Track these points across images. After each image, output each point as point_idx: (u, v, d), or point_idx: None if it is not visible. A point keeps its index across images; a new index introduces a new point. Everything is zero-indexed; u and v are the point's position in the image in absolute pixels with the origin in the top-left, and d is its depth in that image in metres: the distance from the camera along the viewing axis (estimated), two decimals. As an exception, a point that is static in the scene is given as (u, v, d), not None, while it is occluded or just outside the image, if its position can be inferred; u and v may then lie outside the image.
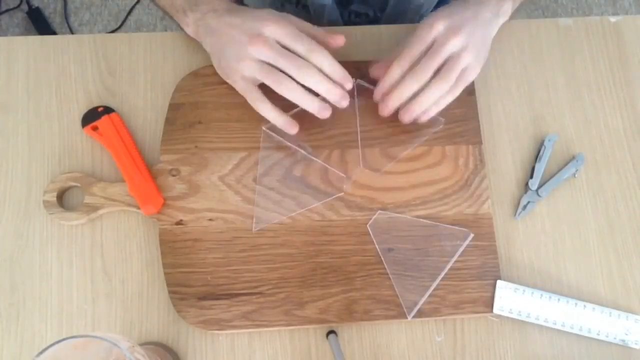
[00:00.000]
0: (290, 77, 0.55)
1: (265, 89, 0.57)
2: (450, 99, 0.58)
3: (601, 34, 0.68)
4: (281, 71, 0.55)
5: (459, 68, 0.56)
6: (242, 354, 0.55)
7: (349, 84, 0.57)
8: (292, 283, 0.55)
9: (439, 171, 0.60)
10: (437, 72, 0.56)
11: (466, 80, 0.58)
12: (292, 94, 0.56)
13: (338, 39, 0.59)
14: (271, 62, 0.55)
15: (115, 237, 0.58)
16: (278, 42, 0.55)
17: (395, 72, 0.57)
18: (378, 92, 0.59)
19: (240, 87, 0.58)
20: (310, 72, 0.55)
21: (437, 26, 0.56)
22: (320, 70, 0.55)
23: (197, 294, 0.54)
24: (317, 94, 0.56)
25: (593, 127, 0.64)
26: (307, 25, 0.59)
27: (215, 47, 0.59)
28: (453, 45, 0.56)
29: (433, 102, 0.57)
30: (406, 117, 0.58)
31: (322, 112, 0.57)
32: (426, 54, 0.56)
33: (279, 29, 0.55)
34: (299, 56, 0.55)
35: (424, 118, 0.59)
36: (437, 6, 0.88)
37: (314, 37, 0.57)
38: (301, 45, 0.55)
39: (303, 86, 0.56)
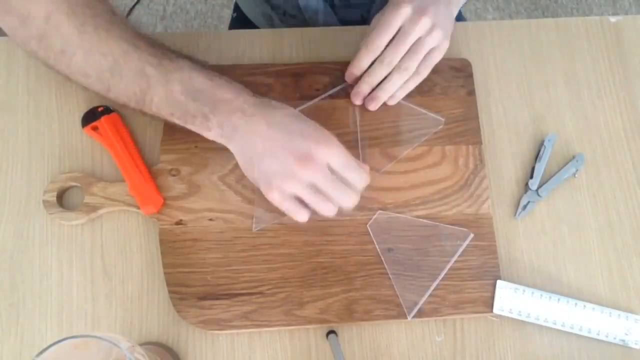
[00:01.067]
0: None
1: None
2: (417, 81, 0.60)
3: (601, 34, 0.68)
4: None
5: (424, 51, 0.58)
6: (242, 354, 0.55)
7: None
8: (292, 283, 0.55)
9: (439, 171, 0.60)
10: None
11: (434, 60, 0.60)
12: (327, 214, 0.53)
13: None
14: (319, 187, 0.52)
15: (115, 237, 0.58)
16: (327, 164, 0.52)
17: (364, 58, 0.59)
18: (349, 77, 0.61)
19: (276, 199, 0.53)
20: (350, 198, 0.53)
21: (403, 10, 0.57)
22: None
23: (197, 294, 0.54)
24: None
25: (593, 127, 0.64)
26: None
27: (248, 152, 0.53)
28: (421, 28, 0.57)
29: (397, 88, 0.60)
30: (372, 105, 0.61)
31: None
32: (394, 39, 0.58)
33: (331, 154, 0.52)
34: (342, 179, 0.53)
35: (392, 102, 0.62)
36: None
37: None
38: (354, 174, 0.53)
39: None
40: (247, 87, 0.54)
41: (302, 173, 0.51)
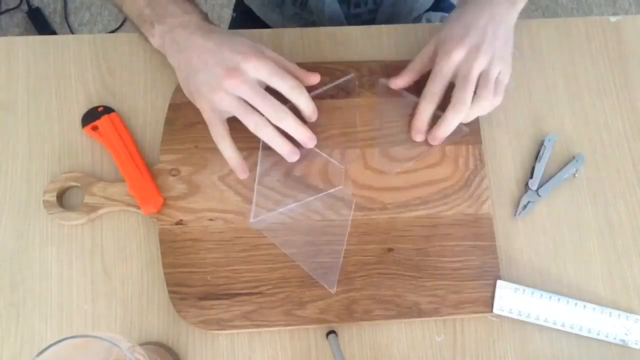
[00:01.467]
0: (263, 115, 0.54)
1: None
2: (495, 104, 0.58)
3: (601, 34, 0.68)
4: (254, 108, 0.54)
5: (493, 80, 0.56)
6: (242, 354, 0.55)
7: (315, 116, 0.58)
8: (292, 283, 0.55)
9: (439, 171, 0.60)
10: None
11: (502, 86, 0.58)
12: (264, 134, 0.55)
13: (313, 77, 0.59)
14: (247, 99, 0.54)
15: (115, 237, 0.58)
16: (256, 79, 0.54)
17: (427, 111, 0.58)
18: (417, 135, 0.60)
19: (207, 117, 0.55)
20: (285, 115, 0.54)
21: (455, 56, 0.56)
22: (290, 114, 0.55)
23: (197, 294, 0.54)
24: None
25: (593, 127, 0.64)
26: (282, 60, 0.58)
27: (184, 67, 0.56)
28: (478, 68, 0.56)
29: (480, 114, 0.58)
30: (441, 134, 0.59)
31: (291, 156, 0.57)
32: (457, 86, 0.56)
33: (260, 66, 0.53)
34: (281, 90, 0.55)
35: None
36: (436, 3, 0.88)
37: (290, 74, 0.56)
38: (283, 84, 0.55)
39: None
40: None
41: (228, 84, 0.53)
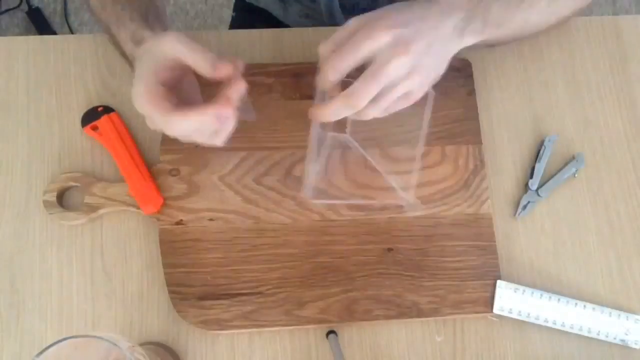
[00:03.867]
0: None
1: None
2: (382, 115, 0.51)
3: (601, 34, 0.68)
4: None
5: (393, 97, 0.48)
6: (242, 354, 0.55)
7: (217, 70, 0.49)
8: (292, 283, 0.55)
9: (439, 171, 0.60)
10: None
11: (407, 103, 0.50)
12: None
13: (223, 68, 0.48)
14: None
15: (115, 237, 0.58)
16: None
17: (329, 77, 0.48)
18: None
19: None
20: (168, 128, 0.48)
21: (379, 36, 0.46)
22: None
23: (197, 294, 0.54)
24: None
25: (593, 127, 0.64)
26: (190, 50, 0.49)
27: None
28: (397, 68, 0.46)
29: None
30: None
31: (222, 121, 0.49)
32: (363, 75, 0.47)
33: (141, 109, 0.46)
34: None
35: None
36: None
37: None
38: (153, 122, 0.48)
39: None
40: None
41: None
